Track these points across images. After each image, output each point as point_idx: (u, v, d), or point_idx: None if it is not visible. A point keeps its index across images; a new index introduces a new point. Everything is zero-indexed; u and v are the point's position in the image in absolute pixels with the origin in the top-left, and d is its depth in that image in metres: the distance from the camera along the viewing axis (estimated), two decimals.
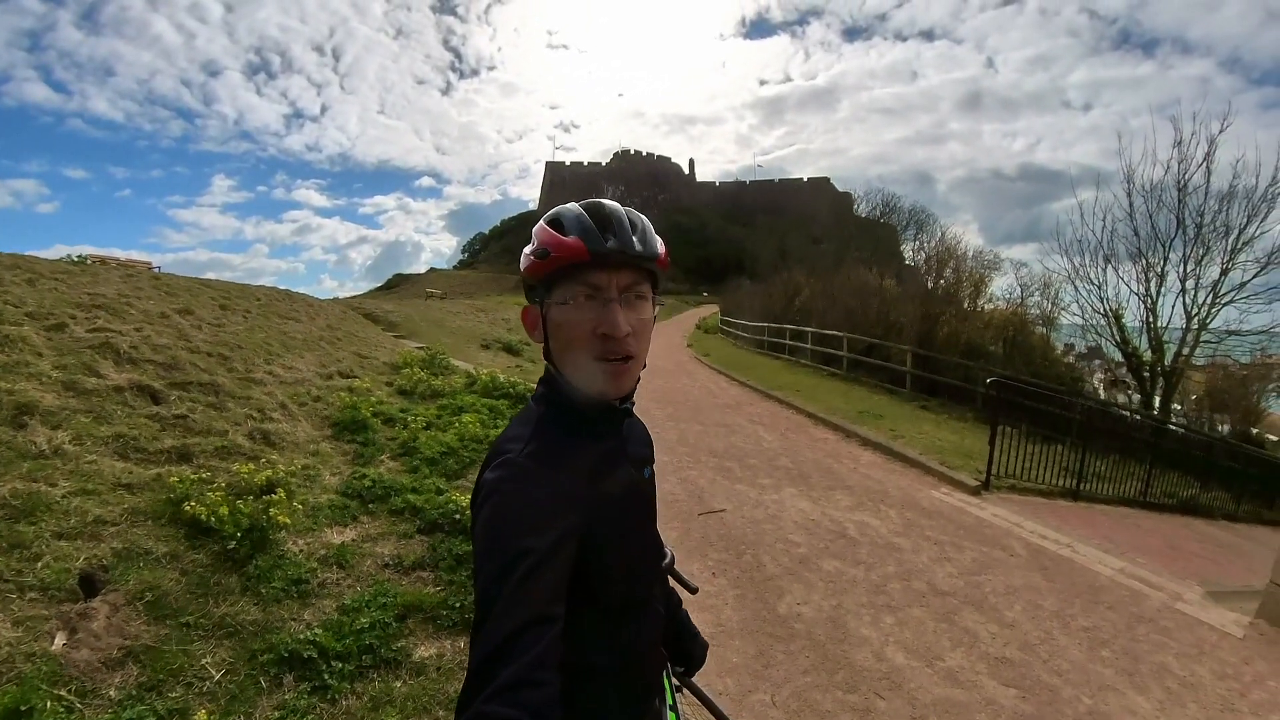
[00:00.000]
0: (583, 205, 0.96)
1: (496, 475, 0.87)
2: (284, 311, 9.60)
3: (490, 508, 0.84)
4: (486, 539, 0.82)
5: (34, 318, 5.09)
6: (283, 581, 3.19)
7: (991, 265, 18.19)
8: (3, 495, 3.07)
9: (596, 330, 0.91)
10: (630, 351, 0.93)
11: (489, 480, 0.87)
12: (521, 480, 0.86)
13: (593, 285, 0.92)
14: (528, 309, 1.00)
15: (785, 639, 3.47)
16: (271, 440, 4.93)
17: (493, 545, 0.80)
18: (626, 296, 0.93)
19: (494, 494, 0.85)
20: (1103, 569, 4.90)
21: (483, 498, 0.86)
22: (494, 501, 0.84)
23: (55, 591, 2.70)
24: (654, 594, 1.12)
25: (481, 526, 0.83)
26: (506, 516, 0.82)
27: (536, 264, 0.94)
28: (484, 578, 0.78)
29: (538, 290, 0.97)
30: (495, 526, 0.82)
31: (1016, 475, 7.26)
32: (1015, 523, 5.84)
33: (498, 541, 0.80)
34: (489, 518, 0.83)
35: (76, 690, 2.29)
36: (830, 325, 16.67)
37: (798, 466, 7.19)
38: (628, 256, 0.92)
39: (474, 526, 0.86)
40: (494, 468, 0.89)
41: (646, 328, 0.97)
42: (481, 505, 0.86)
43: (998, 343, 15.01)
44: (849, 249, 27.11)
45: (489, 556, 0.80)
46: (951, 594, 4.16)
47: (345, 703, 2.49)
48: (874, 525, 5.38)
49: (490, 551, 0.80)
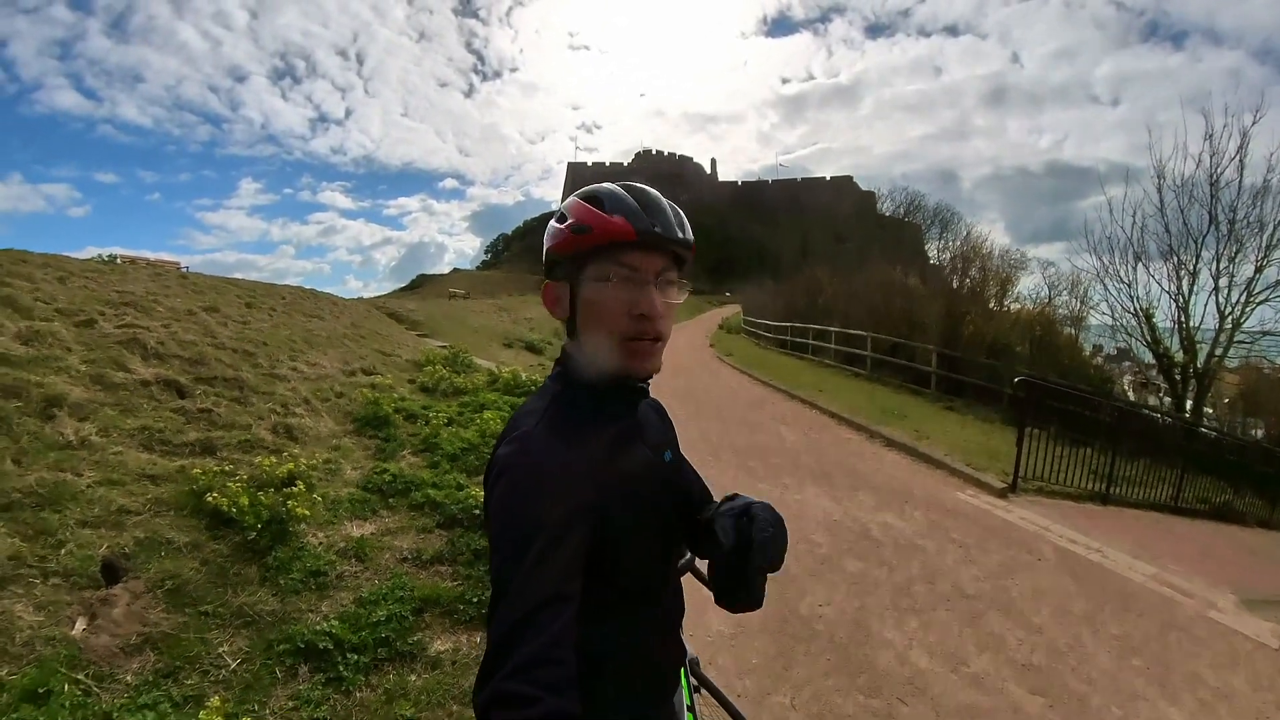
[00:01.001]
0: (623, 185, 0.95)
1: (510, 450, 0.86)
2: (308, 310, 9.73)
3: (504, 483, 0.83)
4: (501, 515, 0.81)
5: (64, 314, 5.20)
6: (301, 573, 3.21)
7: (1018, 264, 17.84)
8: (30, 484, 3.13)
9: (632, 311, 0.90)
10: (661, 333, 0.93)
11: (502, 455, 0.86)
12: (536, 455, 0.84)
13: (631, 266, 0.91)
14: (550, 285, 0.97)
15: (806, 640, 3.40)
16: (294, 434, 4.98)
17: (507, 522, 0.80)
18: (660, 280, 0.93)
19: (508, 469, 0.84)
20: (1134, 575, 4.74)
21: (496, 472, 0.85)
22: (508, 477, 0.83)
23: (78, 578, 2.74)
24: (670, 583, 1.09)
25: (496, 502, 0.82)
26: (521, 492, 0.81)
27: (574, 239, 0.92)
28: (499, 555, 0.78)
29: (564, 266, 0.95)
30: (509, 502, 0.81)
31: (1044, 477, 7.07)
32: (1043, 526, 5.68)
33: (512, 518, 0.80)
34: (503, 493, 0.82)
35: (94, 675, 2.31)
36: (854, 324, 16.45)
37: (821, 465, 7.08)
38: (669, 240, 0.91)
39: (487, 502, 0.85)
40: (508, 442, 0.88)
41: (673, 312, 0.97)
42: (495, 481, 0.84)
43: (1024, 343, 14.66)
44: (872, 247, 26.76)
45: (503, 533, 0.79)
46: (977, 597, 4.04)
47: (359, 695, 2.48)
48: (898, 526, 5.26)
49: (505, 528, 0.79)
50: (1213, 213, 13.90)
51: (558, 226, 0.95)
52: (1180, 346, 14.33)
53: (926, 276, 19.87)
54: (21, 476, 3.18)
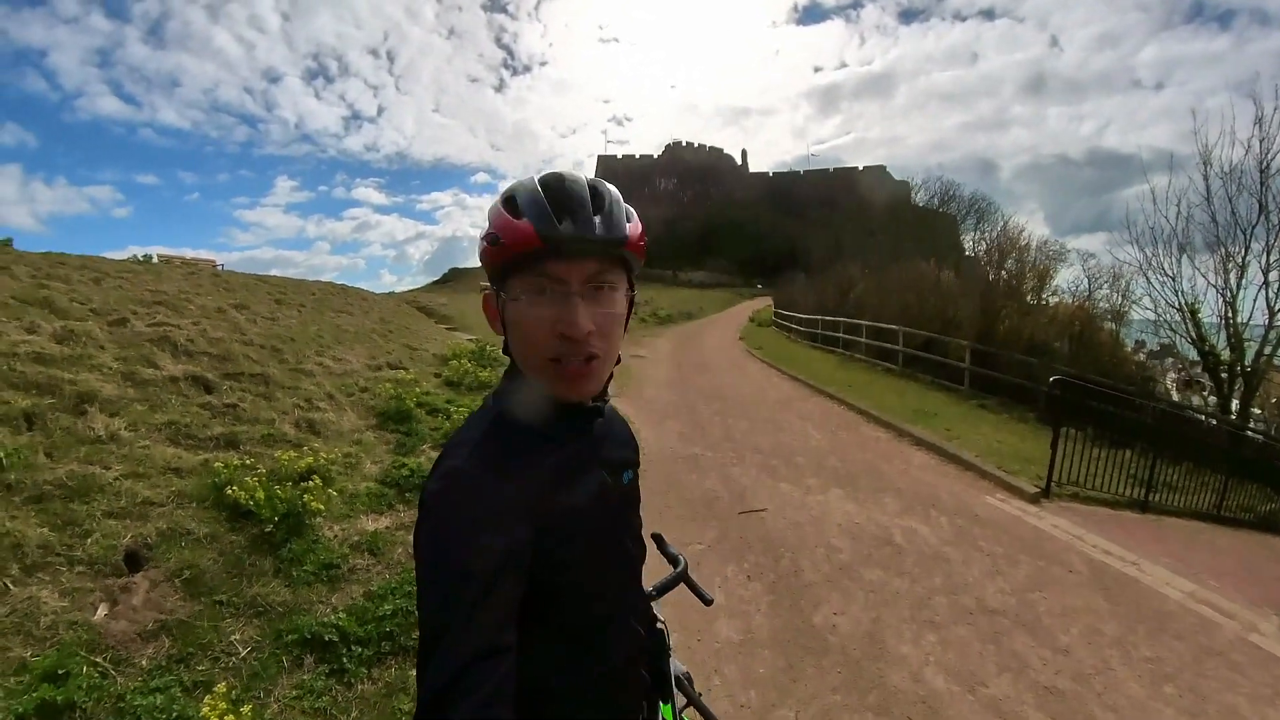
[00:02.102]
0: (541, 179, 0.84)
1: (438, 487, 0.79)
2: (337, 306, 9.95)
3: (430, 525, 0.76)
4: (427, 559, 0.75)
5: (98, 314, 5.42)
6: (314, 565, 3.29)
7: (1057, 256, 17.14)
8: (60, 476, 3.26)
9: (555, 329, 0.81)
10: (594, 352, 0.83)
11: (431, 491, 0.79)
12: (464, 493, 0.77)
13: (551, 276, 0.81)
14: (486, 296, 0.90)
15: (817, 652, 3.29)
16: (316, 429, 5.10)
17: (435, 568, 0.74)
18: (589, 288, 0.83)
19: (434, 509, 0.77)
20: (1170, 592, 4.49)
21: (424, 509, 0.78)
22: (434, 518, 0.77)
23: (101, 566, 2.85)
24: (627, 611, 1.01)
25: (422, 545, 0.76)
26: (448, 535, 0.75)
27: (489, 251, 0.83)
28: (428, 605, 0.73)
29: (493, 279, 0.87)
30: (436, 547, 0.75)
31: (1080, 483, 6.77)
32: (1076, 535, 5.43)
33: (440, 564, 0.74)
34: (429, 536, 0.76)
35: (111, 658, 2.41)
36: (885, 319, 16.14)
37: (845, 467, 6.94)
38: (587, 243, 0.81)
39: (416, 538, 0.78)
40: (438, 476, 0.80)
41: (614, 323, 0.85)
42: (423, 518, 0.78)
43: (1063, 339, 14.14)
44: (906, 239, 26.21)
45: (431, 580, 0.74)
46: (1002, 613, 3.84)
47: (360, 687, 2.54)
48: (923, 533, 5.09)
49: (433, 575, 0.74)
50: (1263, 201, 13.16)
51: (480, 235, 0.88)
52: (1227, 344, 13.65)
53: (961, 269, 19.35)
54: (53, 469, 3.32)
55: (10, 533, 2.81)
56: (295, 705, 2.38)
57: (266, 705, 2.36)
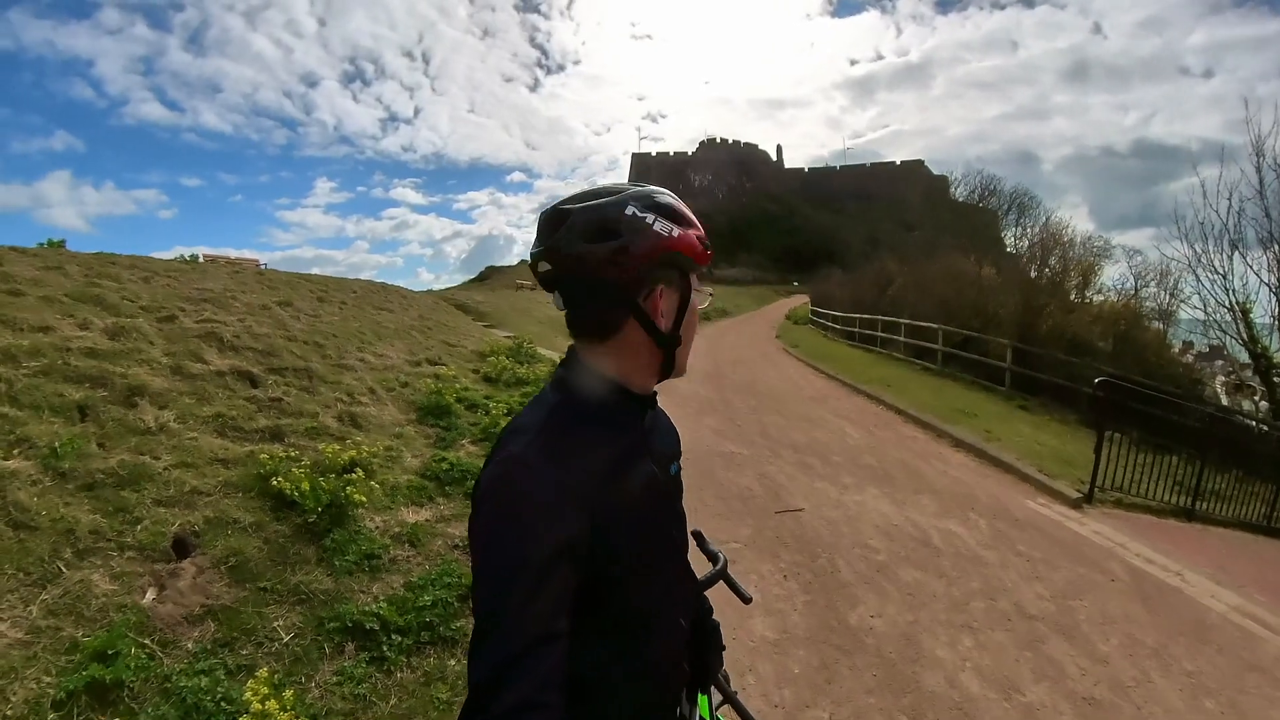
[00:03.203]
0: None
1: (497, 473, 0.81)
2: (378, 303, 10.14)
3: (488, 510, 0.79)
4: (485, 546, 0.78)
5: (148, 310, 5.61)
6: (356, 555, 3.35)
7: (1101, 252, 16.59)
8: (112, 466, 3.38)
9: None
10: None
11: (489, 478, 0.82)
12: (525, 481, 0.79)
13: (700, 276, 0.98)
14: (666, 288, 0.95)
15: (852, 652, 3.25)
16: (359, 423, 5.19)
17: (492, 554, 0.76)
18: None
19: (492, 494, 0.80)
20: (1214, 604, 4.33)
21: (480, 496, 0.81)
22: (492, 503, 0.80)
23: (150, 552, 2.95)
24: (675, 603, 1.03)
25: (481, 530, 0.79)
26: (507, 521, 0.77)
27: (699, 246, 0.95)
28: (484, 589, 0.75)
29: (665, 270, 0.93)
30: (494, 532, 0.78)
31: (1123, 488, 6.56)
32: (1119, 542, 5.27)
33: (498, 550, 0.76)
34: (487, 521, 0.79)
35: (159, 640, 2.50)
36: (923, 316, 15.85)
37: (882, 466, 6.84)
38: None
39: (472, 526, 0.81)
40: (496, 463, 0.83)
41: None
42: (479, 506, 0.81)
43: (1107, 338, 13.68)
44: (944, 235, 25.63)
45: (488, 566, 0.76)
46: (1040, 618, 3.76)
47: (400, 675, 2.58)
48: (960, 535, 4.98)
49: (489, 561, 0.76)
50: None
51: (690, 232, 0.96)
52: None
53: (1002, 266, 18.86)
54: (105, 459, 3.44)
55: (64, 518, 2.93)
56: (336, 691, 2.42)
57: (308, 690, 2.41)
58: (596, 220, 0.87)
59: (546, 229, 0.90)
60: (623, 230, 0.87)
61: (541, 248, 0.90)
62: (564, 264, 0.89)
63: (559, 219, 0.89)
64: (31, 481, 3.14)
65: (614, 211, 0.88)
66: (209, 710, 2.22)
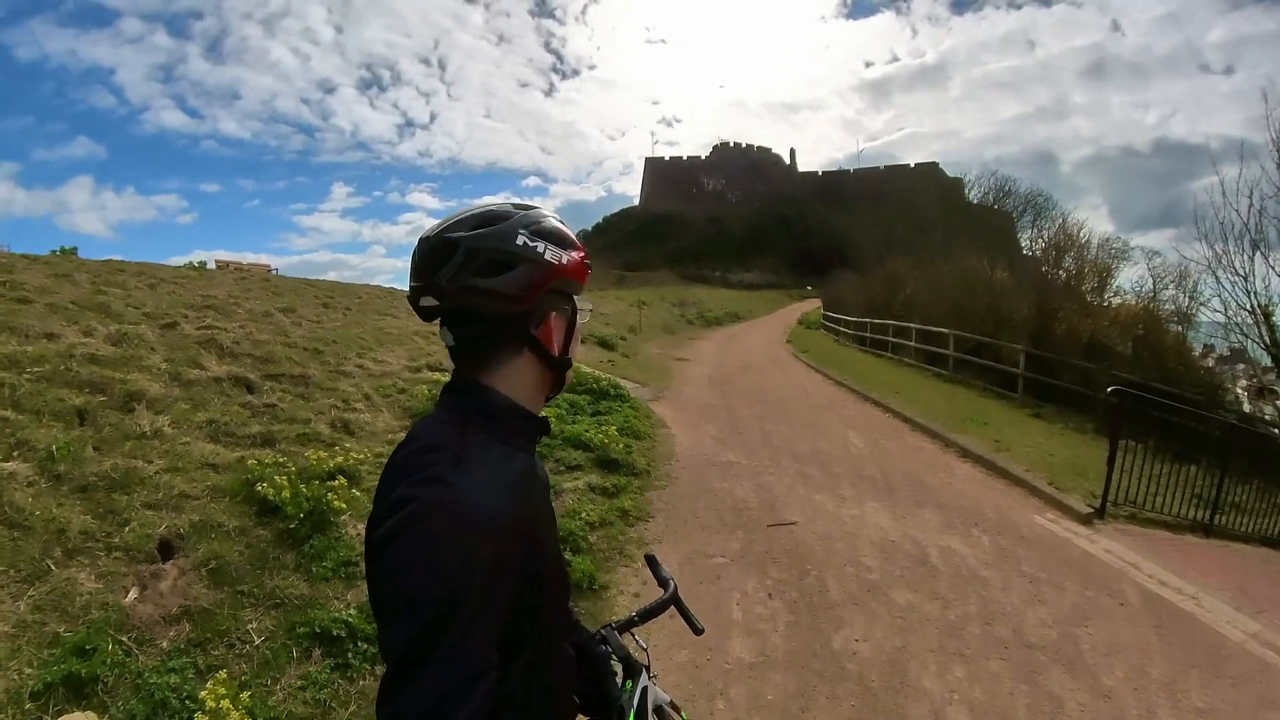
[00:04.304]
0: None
1: (426, 493, 0.75)
2: (382, 308, 10.28)
3: (420, 531, 0.72)
4: (420, 569, 0.71)
5: (151, 317, 5.76)
6: (333, 562, 3.41)
7: (1119, 254, 16.26)
8: (105, 469, 3.48)
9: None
10: None
11: (416, 498, 0.74)
12: (462, 501, 0.74)
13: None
14: (560, 311, 0.96)
15: (833, 679, 3.10)
16: (351, 429, 5.27)
17: (427, 579, 0.70)
18: None
19: (425, 515, 0.73)
20: (1231, 631, 4.07)
21: (406, 517, 0.73)
22: (426, 524, 0.72)
23: (136, 553, 3.04)
24: (563, 630, 1.03)
25: (410, 553, 0.72)
26: (445, 545, 0.71)
27: (581, 267, 0.95)
28: (418, 617, 0.69)
29: (558, 294, 0.94)
30: (431, 555, 0.71)
31: (1137, 502, 6.26)
32: (1131, 562, 5.01)
33: (434, 575, 0.70)
34: (421, 544, 0.71)
35: (136, 638, 2.59)
36: (935, 320, 15.66)
37: (885, 477, 6.66)
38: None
39: (391, 549, 0.73)
40: (417, 482, 0.76)
41: None
42: (405, 526, 0.73)
43: (1125, 342, 13.39)
44: (959, 238, 25.30)
45: (422, 592, 0.70)
46: (1040, 647, 3.54)
47: (363, 683, 2.63)
48: (961, 552, 4.77)
49: (421, 590, 0.70)
50: None
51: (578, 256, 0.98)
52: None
53: (1017, 268, 18.58)
54: (99, 462, 3.54)
55: (56, 519, 3.03)
56: (298, 695, 2.48)
57: (272, 692, 2.46)
58: (488, 251, 0.84)
59: (431, 260, 0.85)
60: (515, 262, 0.85)
61: (424, 282, 0.86)
62: (453, 298, 0.85)
63: (446, 250, 0.84)
64: (28, 483, 3.25)
65: (506, 242, 0.85)
66: (174, 707, 2.29)
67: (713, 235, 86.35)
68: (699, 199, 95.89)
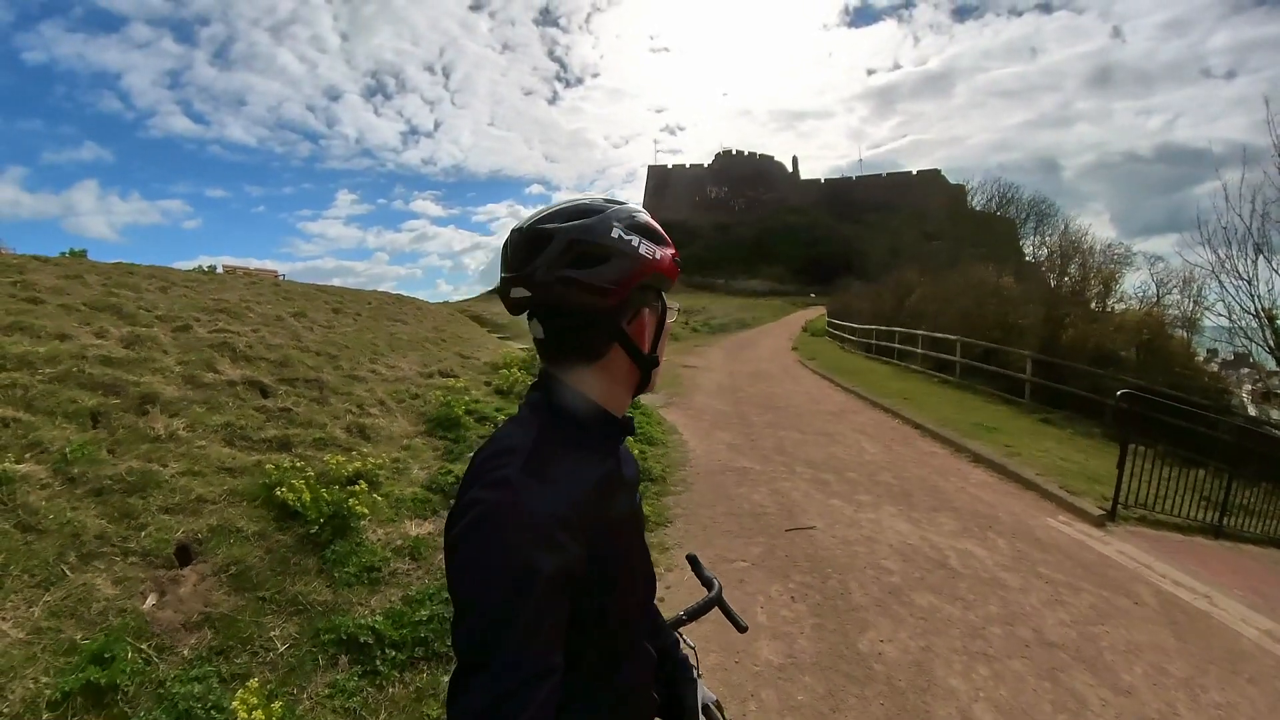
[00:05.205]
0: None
1: (494, 495, 0.76)
2: (392, 314, 10.22)
3: (485, 534, 0.73)
4: (482, 572, 0.72)
5: (164, 320, 5.70)
6: (356, 567, 3.34)
7: (1123, 259, 16.29)
8: (120, 472, 3.42)
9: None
10: None
11: (484, 500, 0.76)
12: (525, 503, 0.75)
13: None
14: (651, 309, 0.95)
15: (861, 681, 3.14)
16: (367, 434, 5.21)
17: (490, 580, 0.72)
18: None
19: (488, 517, 0.74)
20: (1246, 629, 4.14)
21: (474, 519, 0.75)
22: (490, 527, 0.74)
23: (154, 558, 2.97)
24: (642, 630, 1.02)
25: (475, 555, 0.73)
26: (507, 546, 0.72)
27: (670, 265, 0.93)
28: (477, 621, 0.71)
29: (643, 292, 0.92)
30: (493, 557, 0.72)
31: (1148, 505, 6.34)
32: (1144, 564, 5.08)
33: (498, 576, 0.72)
34: (484, 546, 0.73)
35: (156, 646, 2.52)
36: (943, 328, 15.63)
37: (900, 483, 6.66)
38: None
39: (458, 551, 0.75)
40: (486, 485, 0.77)
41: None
42: (473, 528, 0.74)
43: (1130, 348, 13.34)
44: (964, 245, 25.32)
45: (485, 593, 0.71)
46: (1061, 646, 3.60)
47: (391, 690, 2.55)
48: (979, 556, 4.81)
49: (487, 588, 0.72)
50: None
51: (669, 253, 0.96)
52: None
53: (1022, 275, 18.57)
54: (114, 465, 3.48)
55: (71, 522, 2.96)
56: (327, 703, 2.41)
57: (299, 701, 2.39)
58: (582, 243, 0.83)
59: (524, 251, 0.85)
60: (610, 255, 0.84)
61: (517, 273, 0.85)
62: (545, 289, 0.84)
63: (540, 240, 0.84)
64: (41, 485, 3.20)
65: (601, 234, 0.84)
66: (199, 717, 2.23)
67: (718, 243, 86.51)
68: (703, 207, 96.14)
